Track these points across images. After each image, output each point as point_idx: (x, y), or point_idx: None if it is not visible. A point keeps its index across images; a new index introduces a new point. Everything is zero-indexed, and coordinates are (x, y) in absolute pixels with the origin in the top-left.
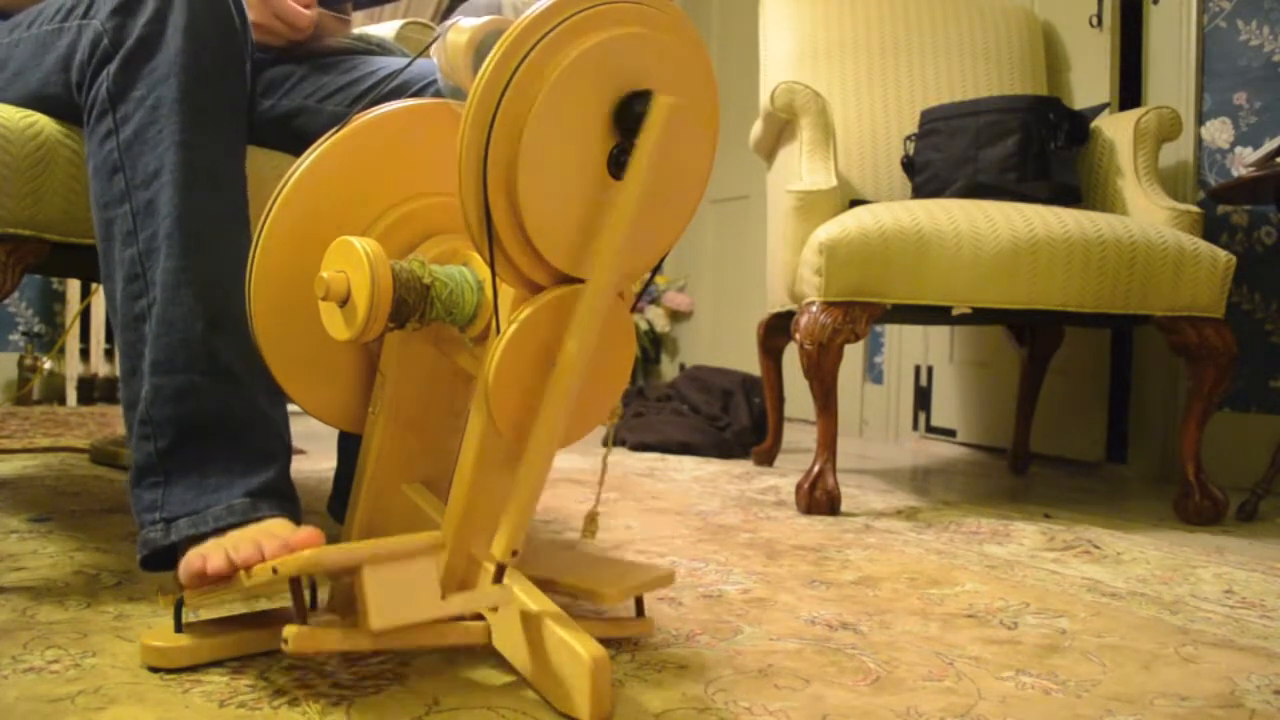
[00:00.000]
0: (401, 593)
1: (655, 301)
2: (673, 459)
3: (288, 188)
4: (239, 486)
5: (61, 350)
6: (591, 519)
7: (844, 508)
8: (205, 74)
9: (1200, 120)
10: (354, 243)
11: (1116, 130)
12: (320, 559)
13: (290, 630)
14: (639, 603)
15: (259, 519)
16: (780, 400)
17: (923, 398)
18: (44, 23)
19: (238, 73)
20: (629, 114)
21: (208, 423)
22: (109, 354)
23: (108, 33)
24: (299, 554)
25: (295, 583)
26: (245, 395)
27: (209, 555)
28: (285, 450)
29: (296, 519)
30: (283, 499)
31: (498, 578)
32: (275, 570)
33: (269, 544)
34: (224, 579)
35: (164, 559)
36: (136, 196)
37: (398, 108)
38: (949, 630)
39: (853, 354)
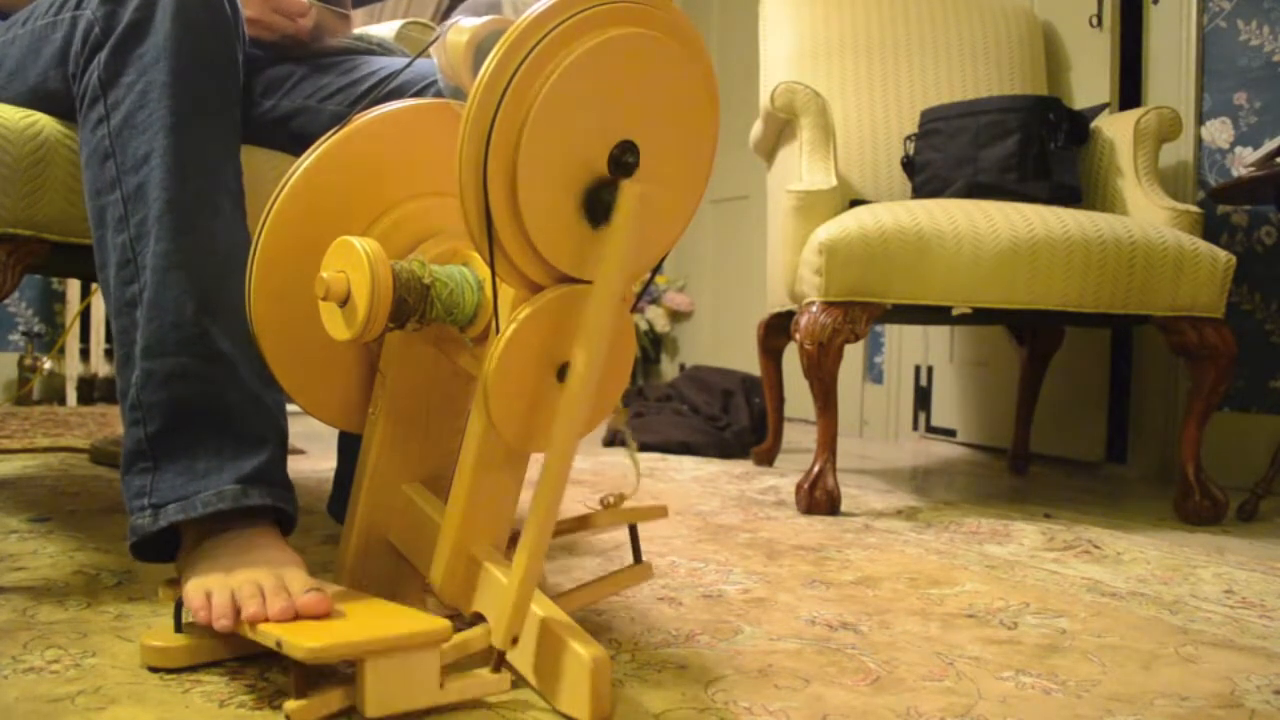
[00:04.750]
0: (401, 683)
1: (655, 301)
2: (673, 459)
3: (288, 188)
4: (229, 472)
5: (61, 350)
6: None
7: (844, 508)
8: (195, 60)
9: (1200, 120)
10: (354, 243)
11: (1116, 130)
12: (327, 651)
13: (291, 706)
14: (635, 550)
15: (249, 506)
16: (780, 400)
17: (923, 398)
18: (39, 18)
19: (229, 60)
20: (599, 203)
21: (198, 407)
22: (109, 354)
23: (99, 21)
24: (303, 639)
25: (297, 662)
26: (237, 379)
27: (215, 599)
28: (279, 436)
29: (290, 507)
30: (275, 485)
31: (497, 666)
32: (279, 644)
33: (275, 601)
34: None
35: (154, 546)
36: (127, 182)
37: (397, 108)
38: (949, 630)
39: (853, 354)
